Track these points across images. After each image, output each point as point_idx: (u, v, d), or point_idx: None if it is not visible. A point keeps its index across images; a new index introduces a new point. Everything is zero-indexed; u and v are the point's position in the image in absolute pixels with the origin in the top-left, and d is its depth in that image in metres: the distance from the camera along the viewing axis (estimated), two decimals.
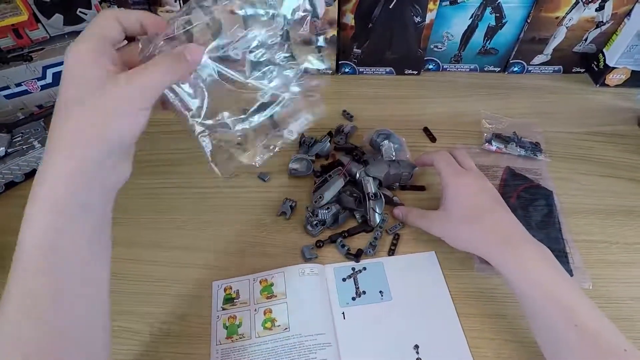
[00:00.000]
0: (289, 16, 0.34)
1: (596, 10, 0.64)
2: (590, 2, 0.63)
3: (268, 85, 0.34)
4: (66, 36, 0.63)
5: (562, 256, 0.49)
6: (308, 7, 0.34)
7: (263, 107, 0.35)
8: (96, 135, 0.28)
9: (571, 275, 0.47)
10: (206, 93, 0.33)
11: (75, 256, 0.29)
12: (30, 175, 0.58)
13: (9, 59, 0.59)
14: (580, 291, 0.37)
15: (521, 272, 0.39)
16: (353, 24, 0.67)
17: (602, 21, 0.66)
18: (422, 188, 0.57)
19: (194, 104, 0.33)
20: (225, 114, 0.34)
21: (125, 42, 0.33)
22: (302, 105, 0.36)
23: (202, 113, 0.33)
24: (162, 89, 0.31)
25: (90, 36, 0.29)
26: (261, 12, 0.33)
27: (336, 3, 0.63)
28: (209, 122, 0.34)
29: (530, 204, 0.53)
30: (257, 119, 0.35)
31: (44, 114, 0.60)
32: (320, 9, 0.34)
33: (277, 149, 0.37)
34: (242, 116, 0.35)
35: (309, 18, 0.34)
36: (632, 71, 0.69)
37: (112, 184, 0.31)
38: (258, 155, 0.36)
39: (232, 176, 0.55)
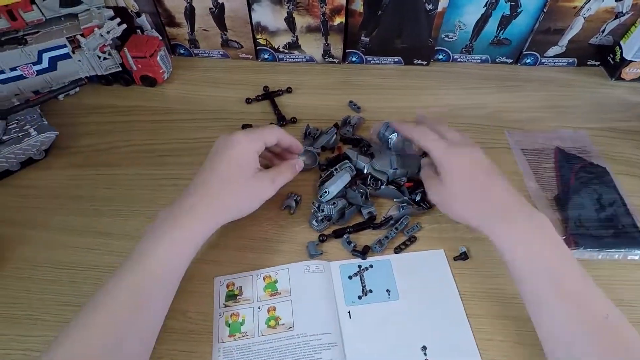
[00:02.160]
0: None
1: (616, 0, 0.62)
2: None
3: None
4: (62, 18, 0.60)
5: (635, 232, 0.49)
6: None
7: None
8: (233, 211, 0.43)
9: None
10: None
11: (176, 279, 0.40)
12: (27, 163, 0.56)
13: (3, 42, 0.57)
14: (572, 258, 0.37)
15: (513, 239, 0.39)
16: (362, 10, 0.64)
17: (621, 12, 0.63)
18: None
19: None
20: None
21: None
22: None
23: None
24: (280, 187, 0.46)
25: (258, 140, 0.44)
26: None
27: None
28: None
29: (590, 182, 0.53)
30: None
31: (40, 100, 0.57)
32: None
33: None
34: None
35: None
36: None
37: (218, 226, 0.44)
38: None
39: None
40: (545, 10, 0.64)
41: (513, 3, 0.63)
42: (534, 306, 0.37)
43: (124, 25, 0.61)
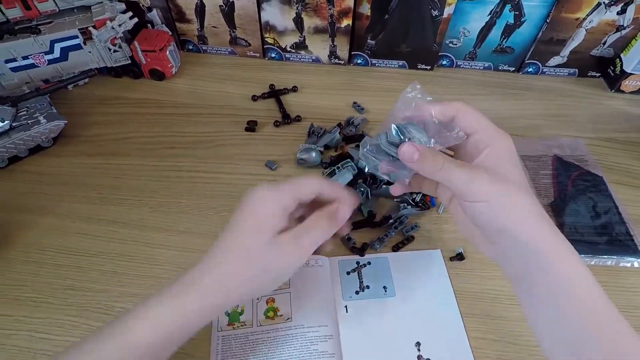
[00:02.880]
0: None
1: (618, 13, 0.63)
2: (612, 5, 0.62)
3: None
4: (75, 10, 0.62)
5: (628, 240, 0.50)
6: None
7: None
8: (245, 288, 0.33)
9: None
10: None
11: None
12: (35, 150, 0.57)
13: (17, 30, 0.58)
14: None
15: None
16: (369, 14, 0.66)
17: (622, 25, 0.65)
18: None
19: None
20: None
21: None
22: None
23: None
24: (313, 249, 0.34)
25: (287, 193, 0.33)
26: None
27: None
28: None
29: (586, 190, 0.55)
30: None
31: (50, 89, 0.59)
32: None
33: None
34: None
35: None
36: None
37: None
38: None
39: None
40: (548, 21, 0.65)
41: (517, 12, 0.65)
42: (524, 283, 0.31)
43: (135, 19, 0.62)
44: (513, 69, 0.74)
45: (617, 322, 0.29)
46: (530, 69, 0.73)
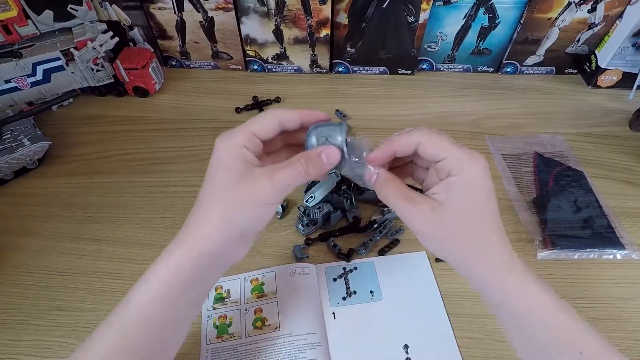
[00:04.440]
0: None
1: (588, 11, 0.65)
2: (582, 4, 0.64)
3: None
4: (57, 32, 0.62)
5: (609, 232, 0.51)
6: None
7: None
8: (228, 225, 0.31)
9: (623, 249, 0.50)
10: None
11: (178, 311, 0.32)
12: (20, 172, 0.57)
13: None
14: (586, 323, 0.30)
15: (521, 294, 0.30)
16: (346, 23, 0.67)
17: (594, 23, 0.66)
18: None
19: None
20: None
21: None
22: None
23: None
24: (294, 187, 0.32)
25: (241, 132, 0.32)
26: None
27: (329, 2, 0.63)
28: None
29: (567, 185, 0.56)
30: None
31: (34, 110, 0.59)
32: None
33: None
34: None
35: None
36: (624, 72, 0.69)
37: (226, 264, 0.34)
38: None
39: None
40: (522, 22, 0.67)
41: (491, 15, 0.66)
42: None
43: (117, 39, 0.63)
44: (492, 69, 0.75)
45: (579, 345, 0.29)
46: (509, 69, 0.75)
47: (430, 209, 0.30)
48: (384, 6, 0.64)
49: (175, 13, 0.66)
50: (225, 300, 0.46)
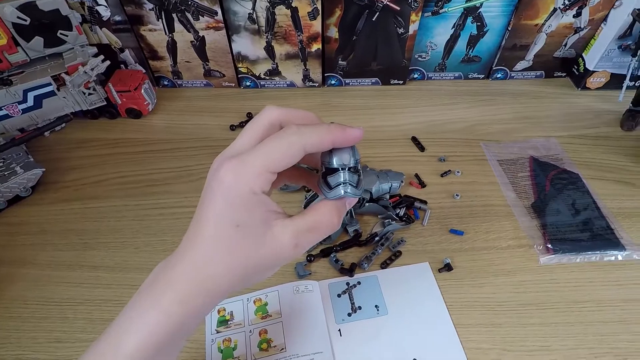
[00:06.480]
0: None
1: (574, 16, 0.66)
2: (567, 9, 0.65)
3: None
4: (47, 58, 0.62)
5: (609, 234, 0.52)
6: None
7: None
8: (227, 283, 0.26)
9: (623, 250, 0.50)
10: None
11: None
12: (14, 201, 0.56)
13: None
14: None
15: None
16: (337, 37, 0.67)
17: (580, 27, 0.67)
18: (424, 202, 0.55)
19: None
20: None
21: None
22: None
23: None
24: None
25: (261, 172, 0.25)
26: None
27: (319, 17, 0.64)
28: None
29: (564, 188, 0.56)
30: None
31: (26, 138, 0.58)
32: None
33: None
34: None
35: None
36: (612, 74, 0.71)
37: (212, 307, 0.28)
38: None
39: None
40: (509, 29, 0.68)
41: (479, 23, 0.67)
42: None
43: (108, 62, 0.63)
44: (483, 76, 0.76)
45: None
46: (499, 75, 0.76)
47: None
48: (373, 19, 0.64)
49: (166, 34, 0.66)
50: (229, 322, 0.45)
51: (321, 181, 0.28)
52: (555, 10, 0.65)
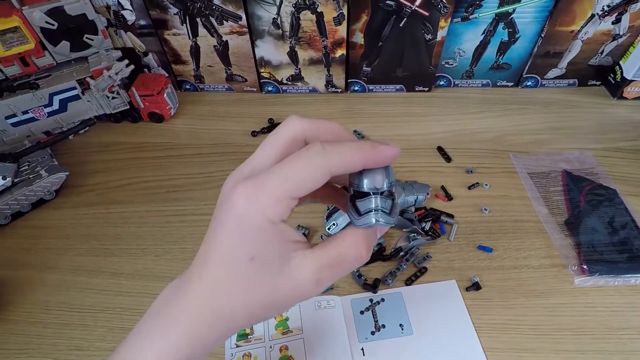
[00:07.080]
0: None
1: (612, 23, 0.63)
2: (606, 16, 0.62)
3: None
4: (72, 62, 0.62)
5: None
6: None
7: None
8: (240, 319, 0.24)
9: None
10: None
11: None
12: (38, 204, 0.57)
13: (15, 87, 0.58)
14: None
15: None
16: (362, 42, 0.66)
17: (618, 34, 0.64)
18: (450, 216, 0.54)
19: None
20: None
21: None
22: None
23: None
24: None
25: (280, 198, 0.22)
26: None
27: (345, 23, 0.62)
28: None
29: (600, 205, 0.53)
30: None
31: (51, 141, 0.59)
32: None
33: None
34: None
35: None
36: None
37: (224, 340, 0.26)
38: None
39: None
40: (543, 35, 0.65)
41: (511, 30, 0.64)
42: None
43: (132, 66, 0.63)
44: (512, 83, 0.73)
45: None
46: (530, 83, 0.73)
47: None
48: (401, 25, 0.63)
49: (189, 38, 0.66)
50: (249, 336, 0.44)
51: (349, 205, 0.24)
52: (592, 16, 0.62)
